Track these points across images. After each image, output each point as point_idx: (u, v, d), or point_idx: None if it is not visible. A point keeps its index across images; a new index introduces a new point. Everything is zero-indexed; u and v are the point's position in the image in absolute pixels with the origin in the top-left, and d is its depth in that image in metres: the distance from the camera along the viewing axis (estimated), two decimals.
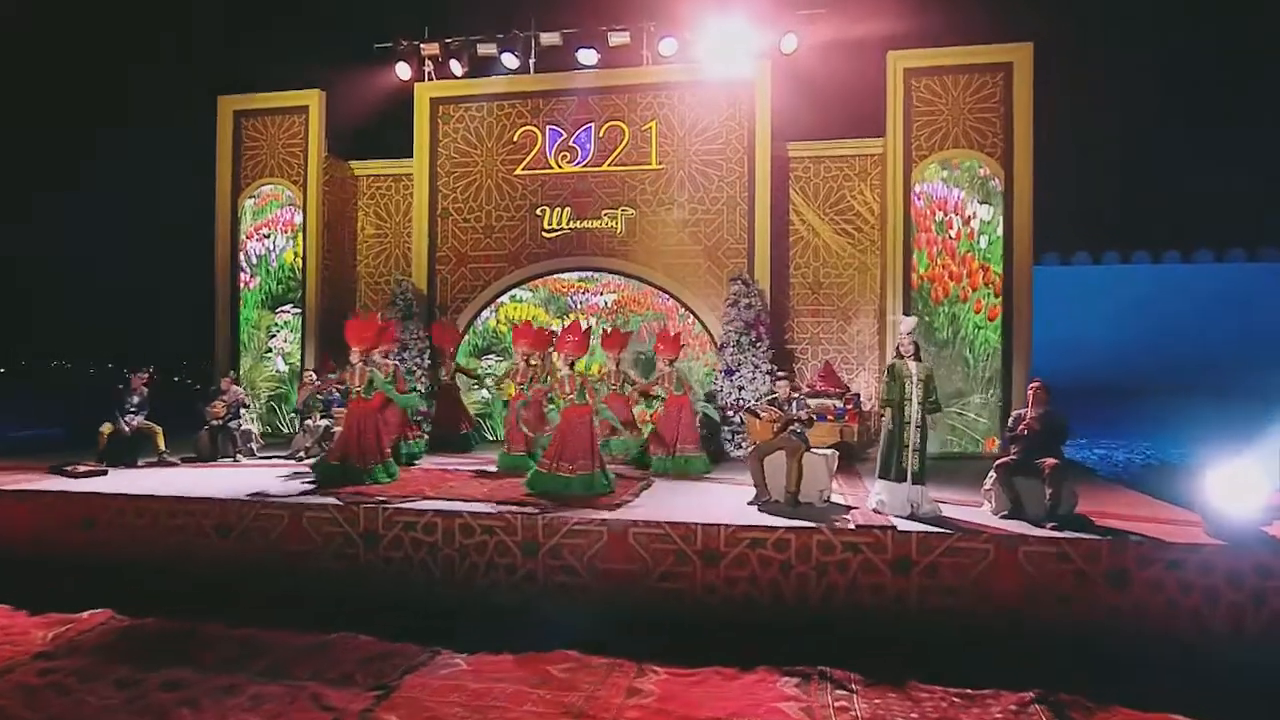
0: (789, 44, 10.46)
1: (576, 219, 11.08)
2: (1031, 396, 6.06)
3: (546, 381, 7.59)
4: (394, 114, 12.03)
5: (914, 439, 5.74)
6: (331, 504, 6.17)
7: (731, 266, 10.57)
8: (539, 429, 7.56)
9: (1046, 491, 5.54)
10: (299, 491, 6.71)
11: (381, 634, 5.19)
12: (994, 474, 5.91)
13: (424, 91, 11.50)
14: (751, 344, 9.57)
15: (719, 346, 9.92)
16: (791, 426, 6.28)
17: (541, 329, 8.64)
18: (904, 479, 5.77)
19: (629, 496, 6.61)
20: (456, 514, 5.91)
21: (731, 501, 6.49)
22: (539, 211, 11.17)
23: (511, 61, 11.16)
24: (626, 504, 6.34)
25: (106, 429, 7.84)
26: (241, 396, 8.71)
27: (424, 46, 11.36)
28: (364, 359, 7.13)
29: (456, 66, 11.33)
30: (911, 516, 5.73)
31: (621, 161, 10.99)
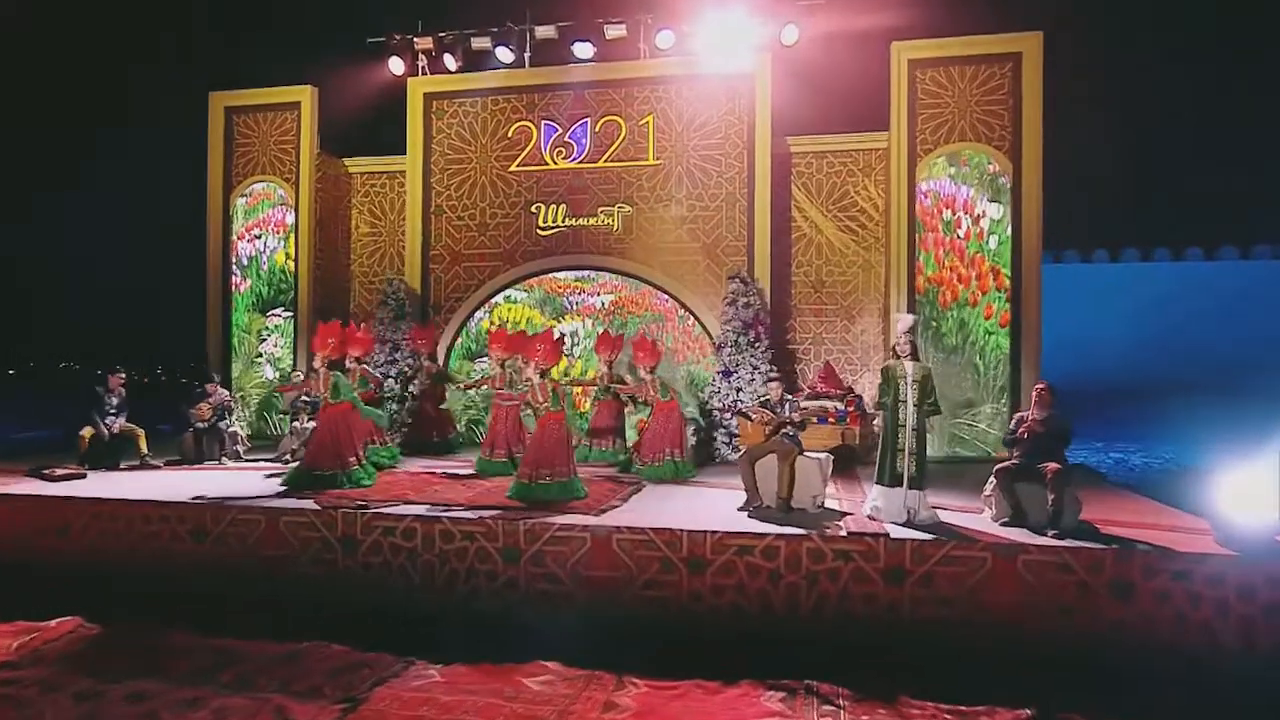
0: (790, 35, 10.32)
1: (572, 216, 10.98)
2: (1036, 398, 5.91)
3: (520, 388, 7.52)
4: (388, 110, 11.96)
5: (909, 443, 5.59)
6: (309, 508, 6.11)
7: (731, 264, 10.43)
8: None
9: (1048, 498, 5.39)
10: (277, 495, 6.66)
11: (358, 642, 5.15)
12: (994, 479, 5.76)
13: (417, 86, 11.43)
14: (750, 344, 9.44)
15: (717, 347, 9.79)
16: (784, 429, 6.16)
17: (516, 334, 8.65)
18: (899, 484, 5.63)
19: (618, 501, 6.51)
20: (436, 519, 5.83)
21: (724, 507, 6.38)
22: (534, 209, 11.08)
23: (506, 55, 11.07)
24: (614, 508, 6.24)
25: (87, 432, 7.79)
26: (226, 399, 8.67)
27: (417, 41, 11.30)
28: (325, 364, 7.13)
29: (450, 61, 11.27)
30: (908, 523, 5.60)
31: (618, 157, 10.88)
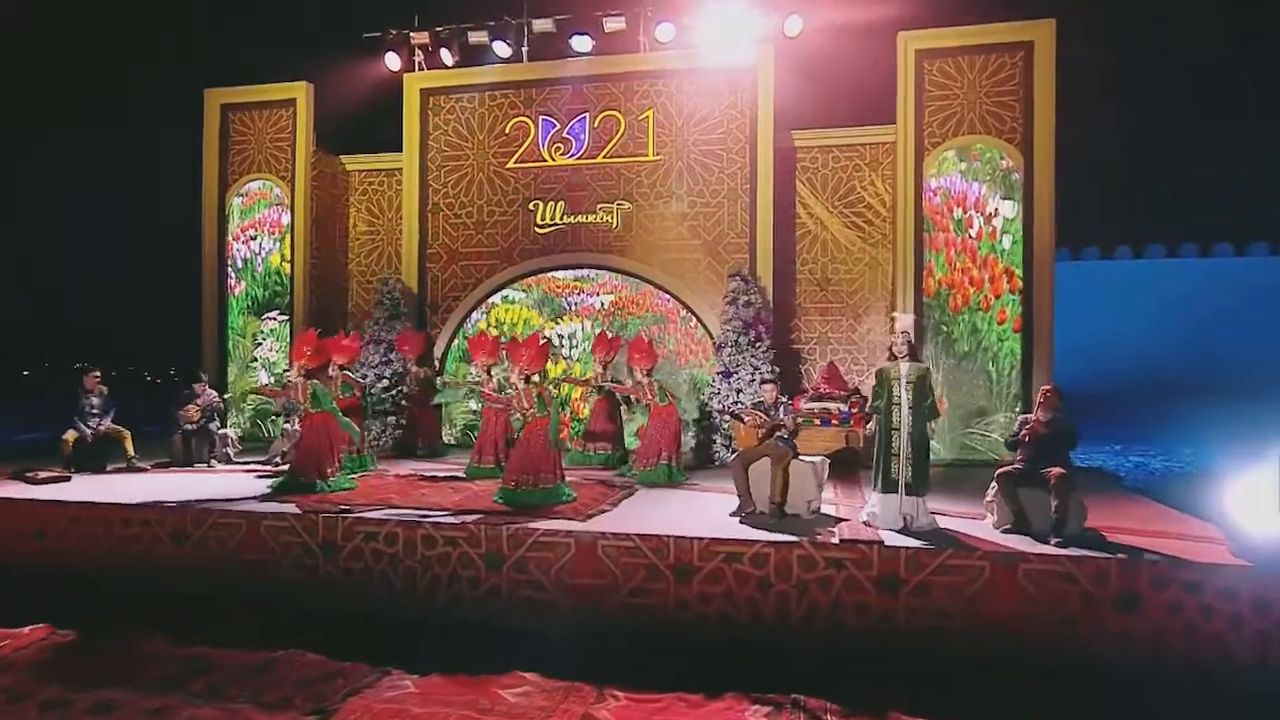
0: (793, 26, 10.19)
1: (570, 213, 10.90)
2: (1041, 400, 5.76)
3: (508, 393, 7.46)
4: (386, 106, 11.92)
5: (904, 447, 5.46)
6: (290, 512, 6.07)
7: (733, 262, 10.31)
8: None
9: (1052, 504, 5.24)
10: (259, 498, 6.62)
11: (336, 649, 5.10)
12: (995, 484, 5.61)
13: (413, 82, 11.40)
14: (750, 344, 9.31)
15: (717, 347, 9.67)
16: (777, 432, 6.04)
17: (497, 338, 8.63)
18: (895, 490, 5.50)
19: (607, 505, 6.42)
20: (418, 524, 5.77)
21: (717, 512, 6.28)
22: (531, 206, 11.01)
23: (503, 50, 11.01)
24: (602, 513, 6.15)
25: (70, 436, 7.79)
26: (215, 399, 8.66)
27: (414, 35, 11.26)
28: (304, 373, 7.10)
29: (447, 56, 11.22)
30: (905, 530, 5.47)
31: (617, 153, 10.78)
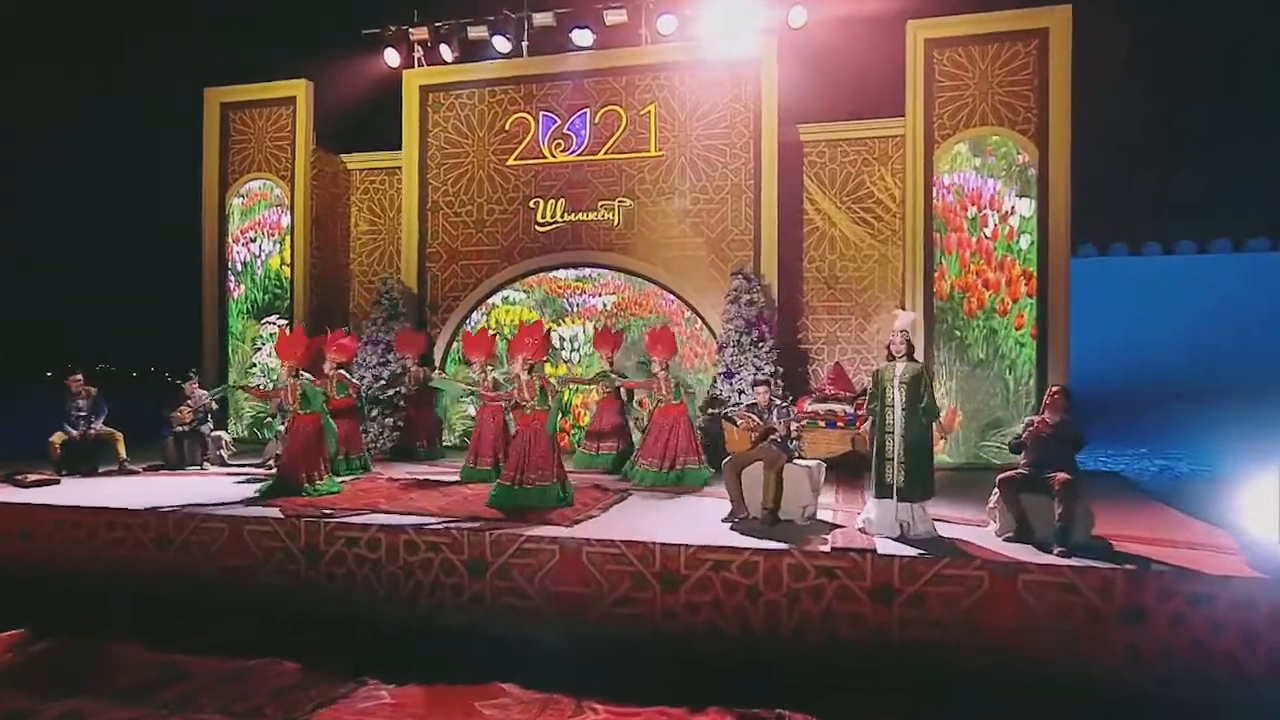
0: (798, 17, 10.04)
1: (571, 211, 10.83)
2: (1048, 401, 5.58)
3: (506, 387, 7.38)
4: (388, 104, 11.93)
5: (897, 450, 5.31)
6: (273, 517, 6.04)
7: (737, 260, 10.19)
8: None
9: (1056, 511, 5.07)
10: (244, 502, 6.60)
11: (314, 657, 5.06)
12: (997, 490, 5.45)
13: (412, 79, 11.39)
14: (753, 344, 9.17)
15: (719, 347, 9.55)
16: (771, 436, 5.92)
17: (494, 336, 8.62)
18: (890, 495, 5.35)
19: (596, 510, 6.33)
20: (401, 529, 5.71)
21: (709, 518, 6.17)
22: (532, 204, 10.96)
23: (503, 44, 10.97)
24: (590, 519, 6.06)
25: (57, 438, 7.82)
26: (207, 401, 8.68)
27: (413, 31, 11.25)
28: (293, 373, 7.06)
29: (446, 52, 11.19)
30: (901, 538, 5.32)
31: (618, 149, 10.70)
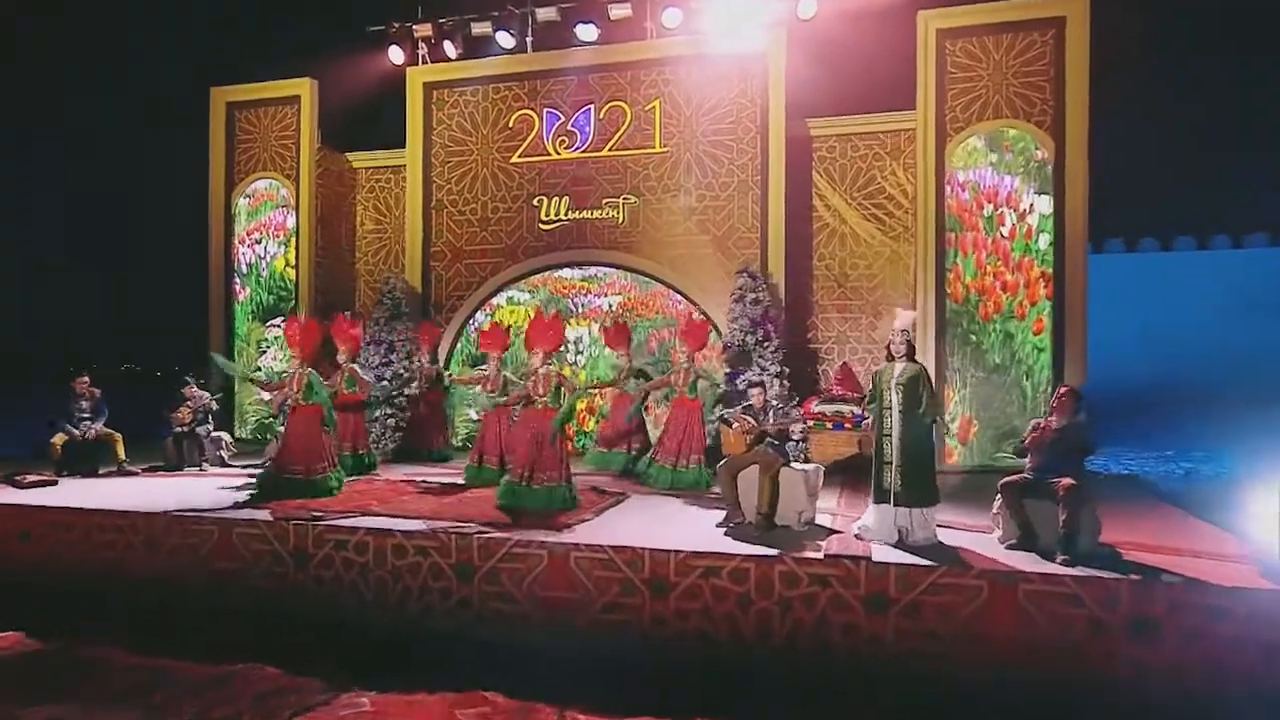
0: (806, 9, 9.91)
1: (575, 209, 10.78)
2: (1055, 403, 5.43)
3: (515, 388, 7.32)
4: (393, 102, 11.97)
5: (895, 454, 5.18)
6: (262, 519, 6.05)
7: (744, 258, 10.07)
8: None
9: (1060, 517, 4.92)
10: (237, 504, 6.61)
11: (299, 662, 5.06)
12: (1000, 495, 5.31)
13: (416, 76, 11.40)
14: (759, 343, 9.07)
15: (724, 347, 9.45)
16: (768, 439, 5.81)
17: (508, 329, 8.46)
18: (888, 500, 5.23)
19: (589, 514, 6.27)
20: (389, 533, 5.69)
21: (705, 522, 6.09)
22: (536, 202, 10.93)
23: (507, 41, 10.95)
24: (583, 522, 6.00)
25: (59, 440, 7.90)
26: (206, 401, 8.73)
27: (417, 28, 11.26)
28: (301, 365, 7.04)
29: (450, 48, 11.20)
30: (900, 544, 5.20)
31: (623, 145, 10.63)
